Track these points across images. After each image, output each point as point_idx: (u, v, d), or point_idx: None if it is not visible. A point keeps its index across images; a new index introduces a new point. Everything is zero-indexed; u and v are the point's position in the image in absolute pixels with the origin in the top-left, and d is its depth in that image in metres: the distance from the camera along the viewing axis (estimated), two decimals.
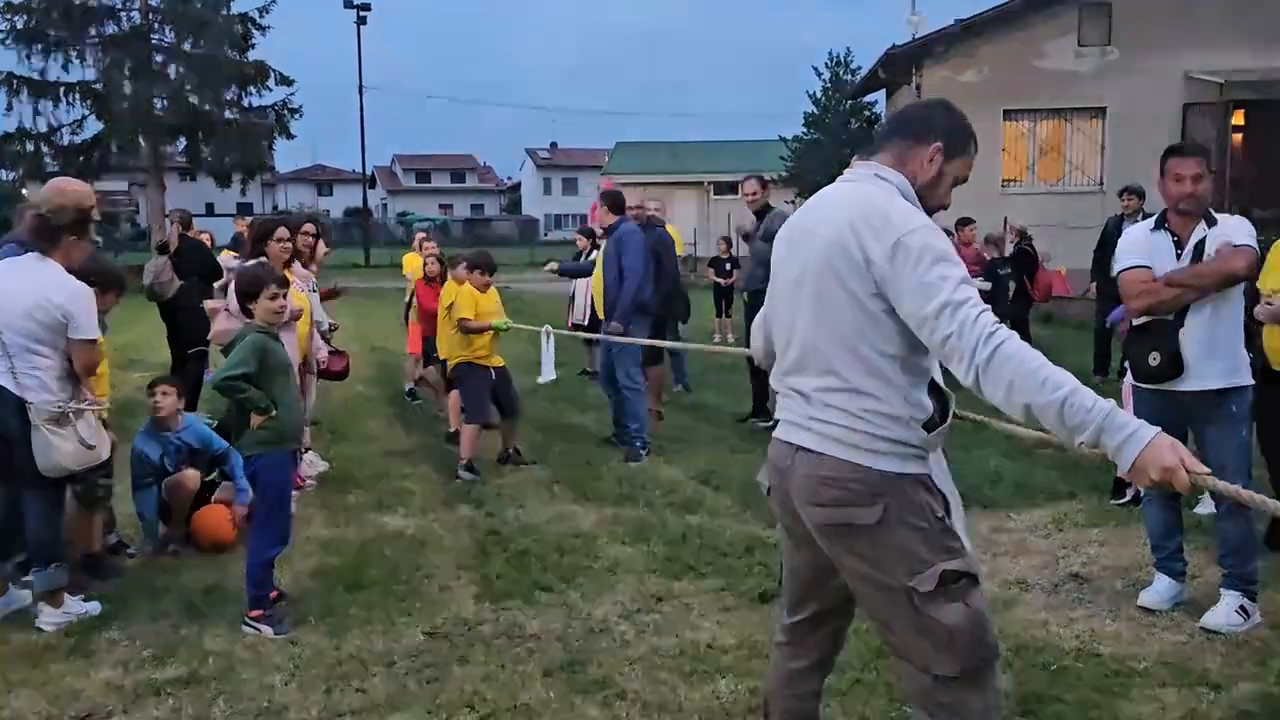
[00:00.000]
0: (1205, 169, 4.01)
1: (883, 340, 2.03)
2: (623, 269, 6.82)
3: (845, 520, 2.07)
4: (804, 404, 2.16)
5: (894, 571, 2.04)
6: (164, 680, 3.58)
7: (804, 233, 2.23)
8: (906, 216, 2.02)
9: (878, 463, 2.04)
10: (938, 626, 2.03)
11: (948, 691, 2.08)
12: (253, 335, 4.09)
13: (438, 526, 5.42)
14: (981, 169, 10.99)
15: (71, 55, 29.57)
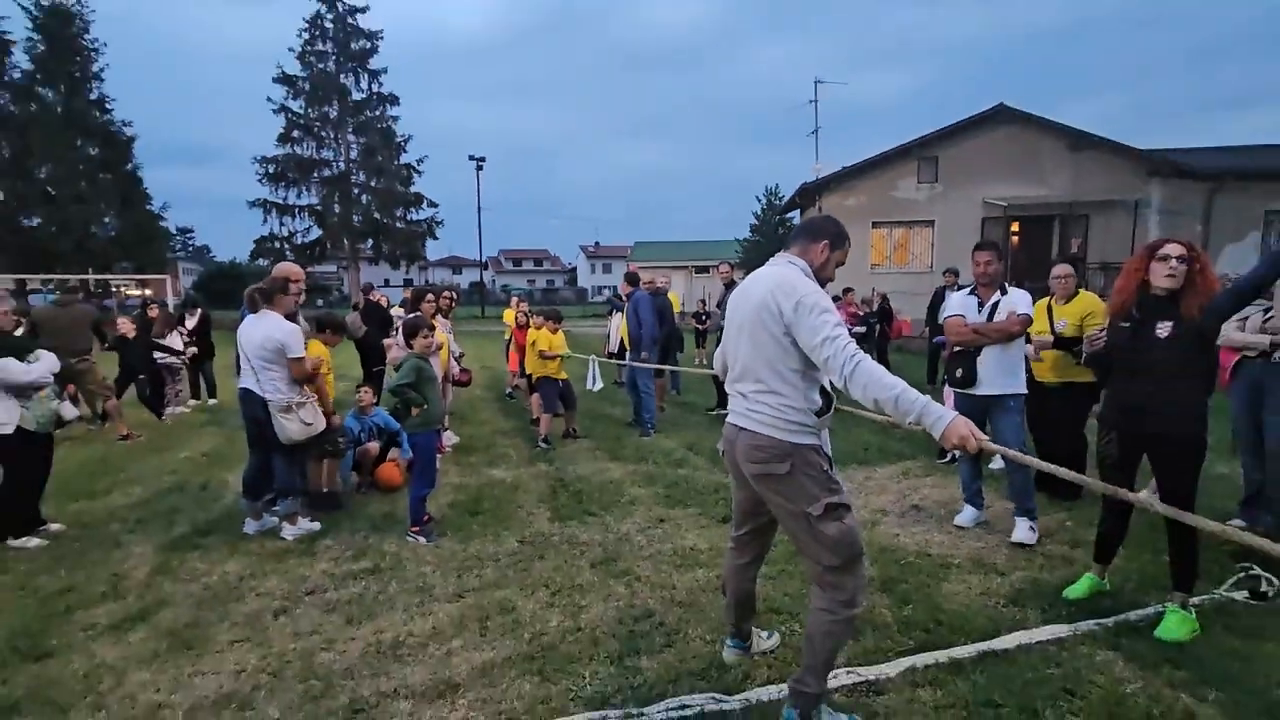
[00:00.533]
0: (996, 257, 4.00)
1: (790, 361, 2.11)
2: (640, 320, 6.89)
3: (768, 472, 2.14)
4: (744, 401, 2.23)
5: (798, 503, 2.11)
6: (358, 570, 3.66)
7: (743, 295, 2.26)
8: (805, 284, 2.11)
9: (788, 436, 2.12)
10: (825, 536, 2.09)
11: (833, 575, 2.12)
12: (413, 359, 4.11)
13: (525, 476, 5.44)
14: (858, 257, 11.34)
15: (301, 189, 29.97)
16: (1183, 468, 2.76)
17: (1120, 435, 2.88)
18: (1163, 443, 2.77)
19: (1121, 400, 2.91)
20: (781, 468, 2.10)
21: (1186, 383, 2.73)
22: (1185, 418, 2.72)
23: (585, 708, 2.39)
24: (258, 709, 2.43)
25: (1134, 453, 2.87)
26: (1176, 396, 2.72)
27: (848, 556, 2.11)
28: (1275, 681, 2.44)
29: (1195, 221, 15.95)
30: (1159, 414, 2.74)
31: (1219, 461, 5.30)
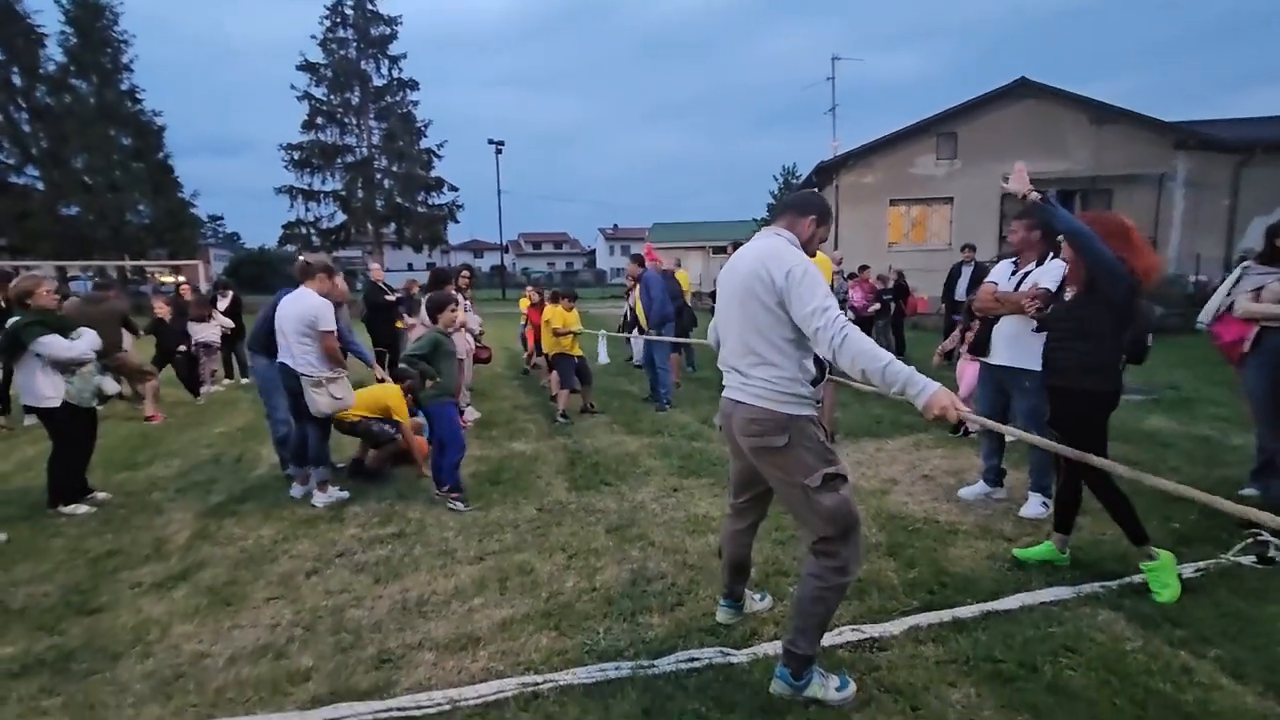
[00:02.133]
0: (1026, 227, 3.73)
1: (783, 330, 2.10)
2: (651, 298, 6.96)
3: (765, 445, 2.14)
4: (739, 376, 2.23)
5: (795, 475, 2.11)
6: (385, 534, 3.78)
7: (732, 269, 2.25)
8: (794, 254, 2.11)
9: (784, 408, 2.12)
10: (822, 507, 2.09)
11: (829, 544, 2.12)
12: (433, 334, 4.20)
13: (544, 449, 5.53)
14: (876, 235, 11.16)
15: (326, 175, 30.25)
16: (1079, 419, 2.87)
17: (1050, 394, 3.06)
18: (1067, 395, 2.91)
19: (1044, 359, 3.13)
20: (779, 440, 2.10)
21: (1087, 342, 2.83)
22: (1089, 372, 2.83)
23: (599, 660, 2.47)
24: (292, 659, 2.56)
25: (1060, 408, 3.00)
26: (1074, 353, 2.86)
27: (844, 526, 2.10)
28: (1276, 640, 2.45)
29: (1222, 195, 15.47)
30: (1059, 368, 2.94)
31: (1234, 433, 5.24)
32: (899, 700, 2.19)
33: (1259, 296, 3.80)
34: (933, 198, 17.25)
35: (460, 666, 2.47)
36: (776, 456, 2.13)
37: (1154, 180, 15.55)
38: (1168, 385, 7.10)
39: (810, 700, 2.16)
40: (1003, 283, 3.89)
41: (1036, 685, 2.24)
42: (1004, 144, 16.29)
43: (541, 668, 2.44)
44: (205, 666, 2.52)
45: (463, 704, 2.23)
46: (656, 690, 2.26)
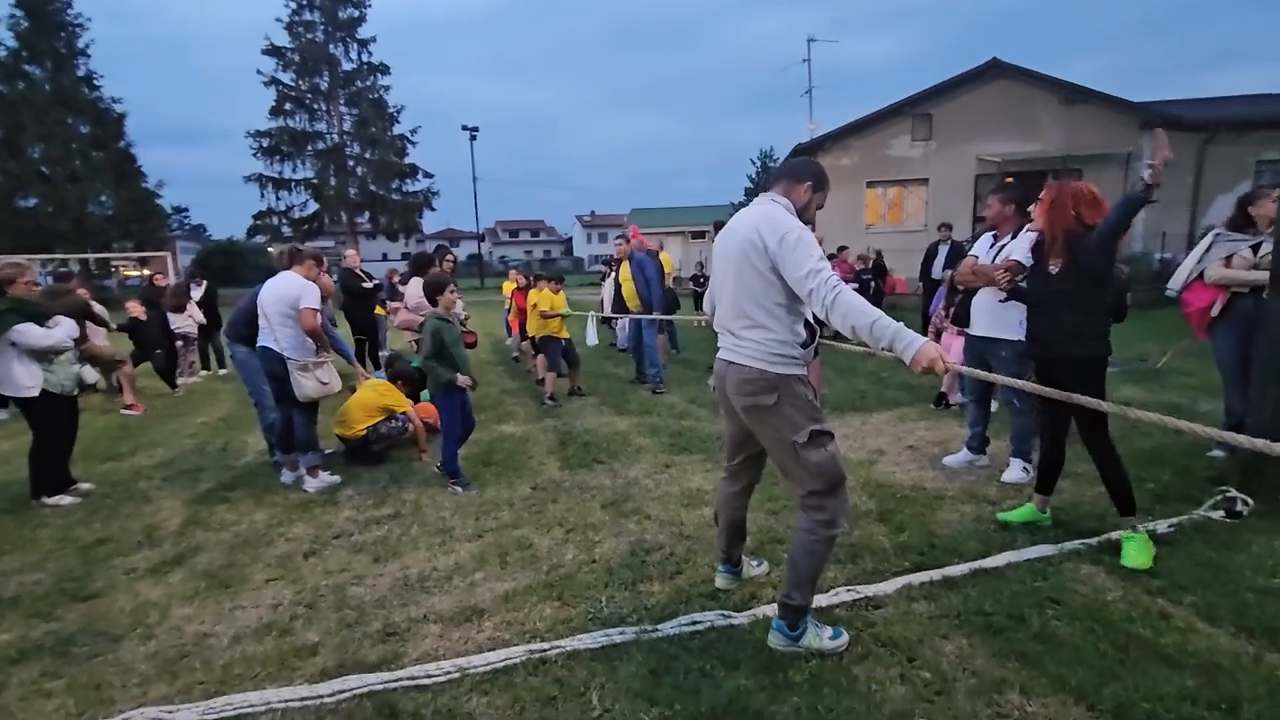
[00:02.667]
0: (1000, 201, 3.95)
1: (776, 295, 2.17)
2: (647, 279, 6.86)
3: (756, 403, 2.21)
4: (733, 338, 2.29)
5: (785, 431, 2.19)
6: (380, 515, 3.79)
7: (729, 234, 2.30)
8: (789, 220, 2.15)
9: (774, 367, 2.19)
10: (810, 463, 2.17)
11: (816, 499, 2.20)
12: (431, 321, 4.05)
13: (534, 431, 5.55)
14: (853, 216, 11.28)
15: (297, 162, 29.58)
16: (1084, 388, 2.87)
17: (1036, 364, 3.10)
18: (1062, 365, 2.94)
19: (1031, 331, 3.12)
20: (769, 399, 2.17)
21: (1077, 312, 2.89)
22: (1077, 340, 2.89)
23: (603, 626, 2.52)
24: (297, 634, 2.57)
25: (1049, 380, 2.99)
26: (1063, 324, 2.91)
27: (831, 481, 2.18)
28: (1245, 586, 2.58)
29: (1187, 173, 15.86)
30: (1060, 338, 2.93)
31: (1203, 400, 5.45)
32: (895, 653, 2.27)
33: (1230, 263, 3.94)
34: (909, 179, 17.45)
35: (466, 637, 2.50)
36: (767, 414, 2.20)
37: (1121, 159, 15.89)
38: (1138, 357, 7.32)
39: (811, 654, 2.24)
40: (983, 255, 3.98)
41: (1025, 634, 2.34)
42: (978, 125, 16.54)
43: (547, 635, 2.48)
44: (210, 645, 2.52)
45: (472, 671, 2.27)
46: (661, 652, 2.32)
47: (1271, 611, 2.40)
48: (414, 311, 5.71)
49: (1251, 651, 2.19)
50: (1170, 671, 2.10)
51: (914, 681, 2.13)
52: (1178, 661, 2.14)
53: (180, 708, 2.15)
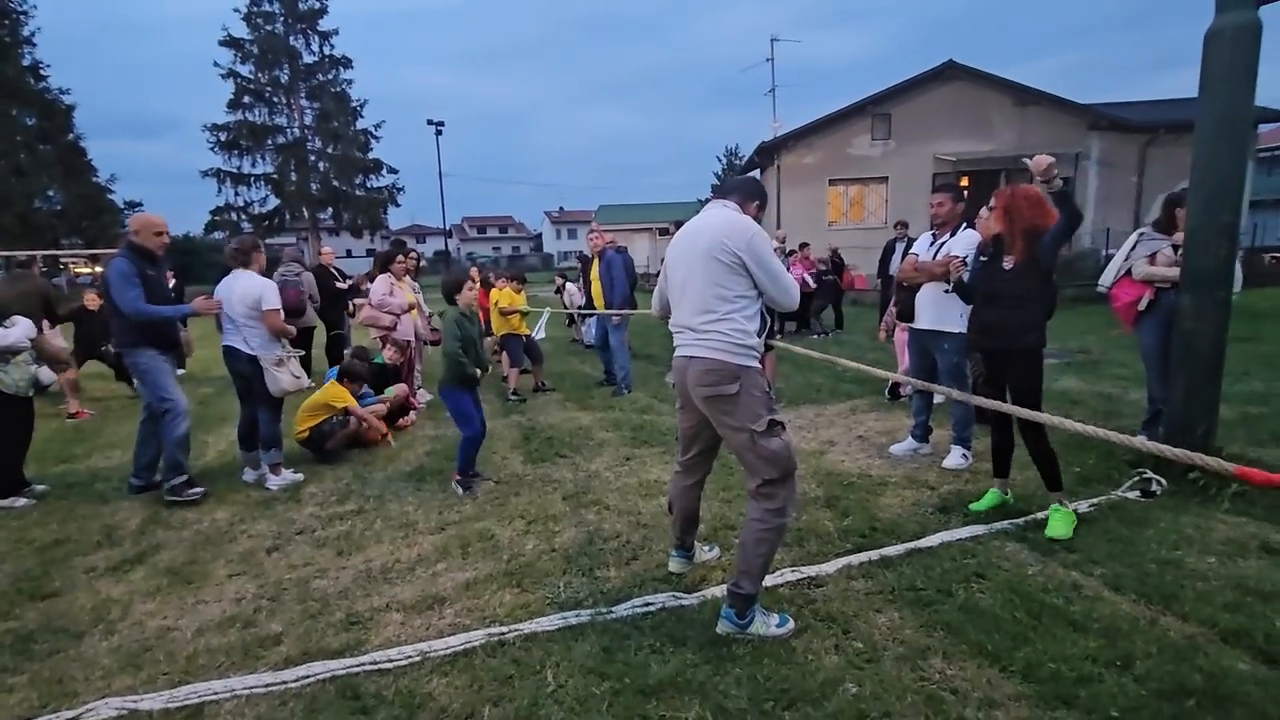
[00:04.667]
0: (947, 200, 4.13)
1: (738, 286, 2.34)
2: (613, 280, 6.80)
3: (718, 393, 2.34)
4: (693, 333, 2.41)
5: (744, 420, 2.32)
6: (344, 511, 3.84)
7: (693, 235, 2.44)
8: (751, 224, 2.39)
9: (735, 359, 2.34)
10: (766, 451, 2.30)
11: (769, 487, 2.33)
12: (451, 311, 4.04)
13: (499, 426, 5.57)
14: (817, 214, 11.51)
15: (256, 157, 28.85)
16: (1026, 370, 3.17)
17: (983, 354, 3.27)
18: (1010, 355, 3.16)
19: (980, 322, 3.29)
20: (731, 388, 2.30)
21: (1027, 305, 3.10)
22: (1025, 332, 3.10)
23: (560, 610, 2.64)
24: (260, 626, 2.63)
25: (995, 368, 3.26)
26: (1018, 317, 3.11)
27: (784, 470, 2.32)
28: (1149, 558, 2.82)
29: (1131, 172, 16.58)
30: (1005, 332, 3.13)
31: (1133, 389, 5.77)
32: (832, 626, 2.44)
33: (1154, 260, 4.20)
34: (869, 177, 17.87)
35: (428, 624, 2.60)
36: (727, 404, 2.33)
37: (1070, 159, 16.50)
38: (1079, 349, 7.69)
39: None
40: (923, 253, 4.20)
41: (951, 606, 2.53)
42: (935, 125, 17.01)
43: (506, 620, 2.59)
44: (173, 639, 2.57)
45: (433, 655, 2.37)
46: (615, 632, 2.45)
47: (1170, 580, 2.63)
48: (377, 308, 5.73)
49: (1149, 615, 2.42)
50: (1076, 635, 2.30)
51: (847, 651, 2.29)
52: (1084, 626, 2.35)
53: (145, 697, 2.21)
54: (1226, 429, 4.23)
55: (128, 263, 3.91)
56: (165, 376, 4.08)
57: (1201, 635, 2.28)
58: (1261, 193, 24.06)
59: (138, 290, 3.86)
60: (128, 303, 3.84)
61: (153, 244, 4.05)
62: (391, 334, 5.75)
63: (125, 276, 3.86)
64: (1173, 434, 3.72)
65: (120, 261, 3.93)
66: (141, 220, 4.11)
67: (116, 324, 4.02)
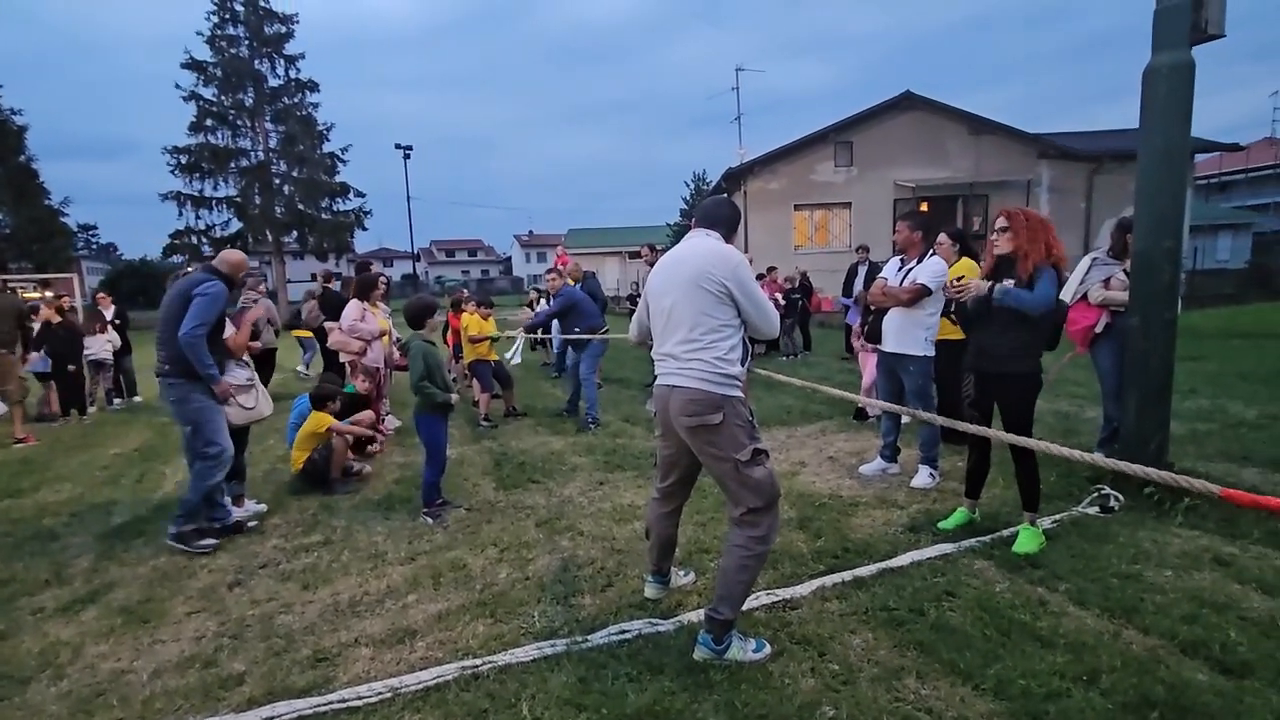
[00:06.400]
0: (907, 228, 4.24)
1: (723, 315, 2.35)
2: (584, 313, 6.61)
3: (702, 423, 2.32)
4: (675, 362, 2.41)
5: (728, 450, 2.32)
6: (310, 543, 3.74)
7: (679, 262, 2.45)
8: (735, 253, 2.43)
9: (719, 388, 2.34)
10: (750, 480, 2.31)
11: (754, 515, 2.33)
12: (416, 343, 3.99)
13: (470, 453, 5.54)
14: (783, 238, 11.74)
15: (218, 180, 28.29)
16: (1018, 399, 3.20)
17: (975, 376, 3.30)
18: (1002, 379, 3.20)
19: (976, 345, 3.30)
20: (715, 418, 2.29)
21: (1023, 331, 3.11)
22: (1019, 358, 3.15)
23: (535, 640, 2.60)
24: (222, 666, 2.53)
25: (986, 390, 3.28)
26: (1014, 342, 3.12)
27: (769, 498, 2.33)
28: (1110, 573, 2.90)
29: (1079, 199, 17.32)
30: (1000, 355, 3.16)
31: (1089, 407, 5.97)
32: (808, 649, 2.45)
33: (1109, 285, 4.37)
34: (833, 202, 18.33)
35: (399, 658, 2.53)
36: (711, 434, 2.32)
37: (1022, 186, 17.21)
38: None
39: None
40: (891, 278, 4.31)
41: (923, 626, 2.56)
42: (895, 152, 17.58)
43: (480, 652, 2.53)
44: (127, 682, 2.45)
45: (404, 691, 2.30)
46: (591, 661, 2.42)
47: (1130, 594, 2.71)
48: (348, 333, 5.64)
49: (1112, 629, 2.48)
50: (1044, 650, 2.35)
51: (823, 674, 2.30)
52: (1050, 641, 2.40)
53: None
54: (1178, 445, 4.40)
55: (224, 291, 3.68)
56: (219, 417, 3.75)
57: (1162, 648, 2.35)
58: (1200, 218, 25.36)
59: (209, 327, 3.60)
60: (193, 331, 3.51)
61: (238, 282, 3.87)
62: (361, 360, 5.65)
63: (216, 303, 3.61)
64: (1128, 450, 3.85)
65: (219, 286, 3.65)
66: (235, 260, 3.88)
67: (166, 350, 3.61)
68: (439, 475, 4.07)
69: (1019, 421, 3.16)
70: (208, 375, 3.60)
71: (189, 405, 3.63)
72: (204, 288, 3.59)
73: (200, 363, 3.55)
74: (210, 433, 3.67)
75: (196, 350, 3.53)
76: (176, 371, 3.60)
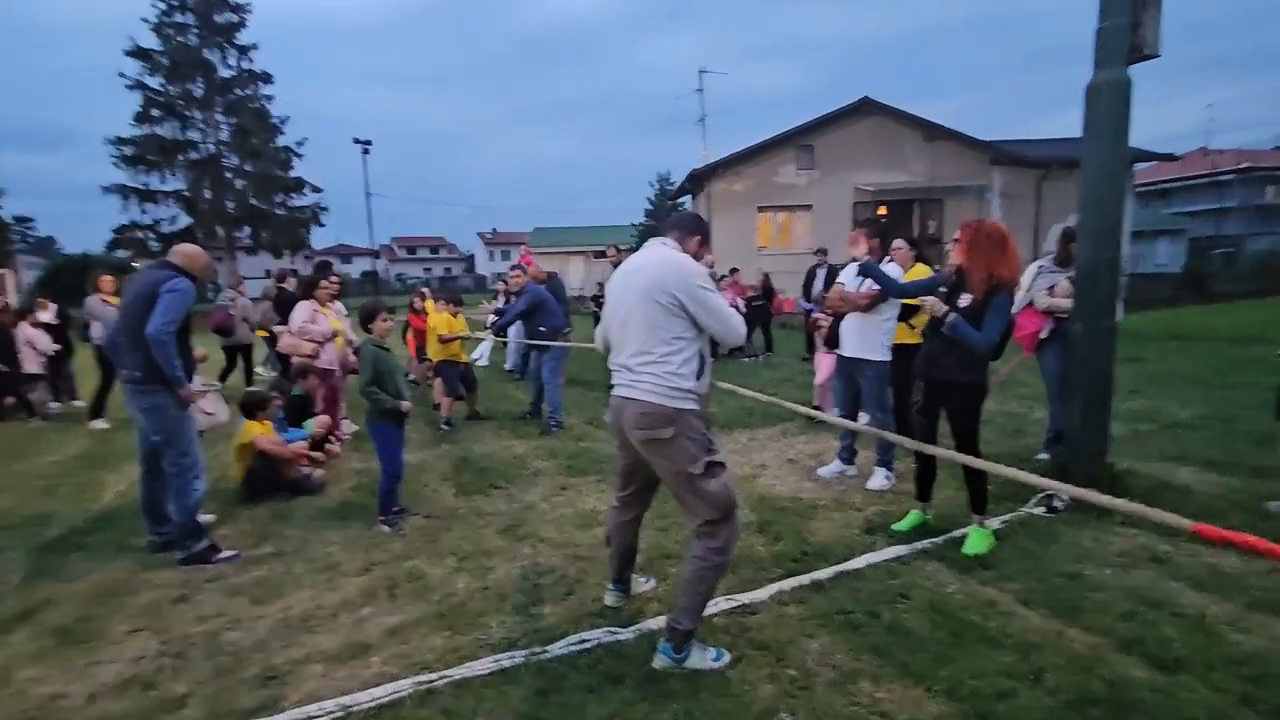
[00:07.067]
0: (864, 236, 4.25)
1: (676, 328, 2.33)
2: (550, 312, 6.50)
3: (654, 436, 2.32)
4: (630, 374, 2.40)
5: (681, 463, 2.31)
6: (261, 555, 3.62)
7: (634, 271, 2.43)
8: (692, 263, 2.41)
9: (672, 403, 2.32)
10: (704, 492, 2.30)
11: (710, 527, 2.33)
12: (368, 348, 3.87)
13: (429, 457, 5.45)
14: (746, 239, 11.81)
15: (165, 173, 27.23)
16: (964, 408, 3.28)
17: (925, 382, 3.38)
18: (950, 388, 3.27)
19: (927, 352, 3.38)
20: (666, 432, 2.28)
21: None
22: (966, 368, 3.22)
23: (494, 652, 2.56)
24: (163, 687, 2.43)
25: (935, 397, 3.36)
26: (962, 353, 3.18)
27: (725, 509, 2.32)
28: (1055, 572, 3.00)
29: (1029, 204, 17.90)
30: (948, 365, 3.23)
31: (1037, 409, 6.17)
32: (767, 654, 2.47)
33: (1054, 292, 4.53)
34: (795, 205, 18.54)
35: (352, 674, 2.46)
36: (664, 447, 2.31)
37: (976, 191, 17.70)
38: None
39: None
40: (849, 284, 4.37)
41: (878, 628, 2.61)
42: (855, 156, 17.89)
43: (437, 666, 2.48)
44: (61, 707, 2.33)
45: (356, 709, 2.24)
46: (550, 673, 2.39)
47: (1074, 593, 2.81)
48: (297, 335, 5.48)
49: (1056, 628, 2.57)
50: (993, 651, 2.42)
51: (781, 679, 2.32)
52: (999, 642, 2.47)
53: None
54: (1119, 445, 4.57)
55: (192, 288, 3.47)
56: (193, 427, 3.58)
57: (1103, 645, 2.44)
58: (1140, 225, 26.51)
59: (178, 325, 3.39)
60: (163, 327, 3.30)
61: (203, 277, 3.64)
62: (314, 363, 5.49)
63: (185, 300, 3.41)
64: (1072, 452, 4.00)
65: (186, 283, 3.44)
66: (192, 253, 3.64)
67: (136, 355, 3.37)
68: (395, 482, 3.97)
69: (966, 428, 3.25)
70: (175, 377, 3.40)
71: (165, 414, 3.44)
72: (172, 284, 3.39)
73: (168, 363, 3.35)
74: (185, 444, 3.51)
75: (165, 350, 3.33)
76: (151, 378, 3.38)
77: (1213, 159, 39.49)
